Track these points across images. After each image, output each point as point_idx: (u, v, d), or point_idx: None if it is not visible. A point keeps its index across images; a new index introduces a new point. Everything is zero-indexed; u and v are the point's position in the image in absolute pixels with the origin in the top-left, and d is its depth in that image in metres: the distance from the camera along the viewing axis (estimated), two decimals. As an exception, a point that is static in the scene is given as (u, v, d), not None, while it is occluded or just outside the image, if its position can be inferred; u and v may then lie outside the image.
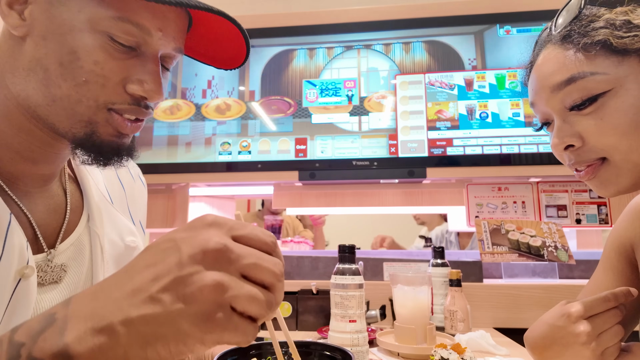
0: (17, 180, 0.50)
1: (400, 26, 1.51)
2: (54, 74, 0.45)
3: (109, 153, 0.50)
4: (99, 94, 0.46)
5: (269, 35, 1.56)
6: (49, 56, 0.45)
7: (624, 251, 0.71)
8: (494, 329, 1.19)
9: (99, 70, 0.46)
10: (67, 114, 0.47)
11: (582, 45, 0.51)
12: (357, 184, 1.51)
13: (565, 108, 0.54)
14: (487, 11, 1.47)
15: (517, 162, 1.37)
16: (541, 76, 0.56)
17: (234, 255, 0.32)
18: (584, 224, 1.38)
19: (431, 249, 1.20)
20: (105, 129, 0.48)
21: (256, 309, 0.31)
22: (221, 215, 0.35)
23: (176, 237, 0.33)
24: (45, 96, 0.46)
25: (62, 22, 0.45)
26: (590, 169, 0.54)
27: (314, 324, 1.17)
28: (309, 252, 1.80)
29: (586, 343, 0.54)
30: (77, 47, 0.45)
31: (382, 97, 1.47)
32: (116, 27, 0.45)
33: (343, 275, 0.86)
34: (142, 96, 0.49)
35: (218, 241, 0.32)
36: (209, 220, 0.34)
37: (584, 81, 0.51)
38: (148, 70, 0.49)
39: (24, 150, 0.49)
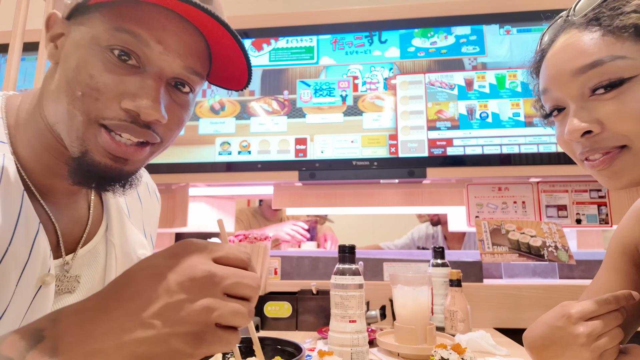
0: (48, 192, 0.53)
1: (400, 26, 1.51)
2: (62, 92, 0.47)
3: (100, 177, 0.48)
4: (91, 107, 0.46)
5: (269, 35, 1.56)
6: (61, 76, 0.47)
7: (629, 252, 0.71)
8: (494, 329, 1.19)
9: (93, 84, 0.45)
10: (67, 130, 0.47)
11: (611, 29, 0.50)
12: (357, 184, 1.51)
13: (584, 94, 0.52)
14: (487, 11, 1.47)
15: (517, 162, 1.37)
16: (561, 59, 0.54)
17: (217, 278, 0.36)
18: (584, 224, 1.38)
19: (431, 249, 1.20)
20: (96, 147, 0.47)
21: (240, 321, 0.36)
22: (196, 239, 0.39)
23: (160, 264, 0.36)
24: (55, 114, 0.48)
25: (74, 44, 0.47)
26: (608, 157, 0.52)
27: (314, 324, 1.17)
28: (309, 252, 1.80)
29: (585, 344, 0.54)
30: (79, 62, 0.46)
31: (377, 98, 1.48)
32: (114, 38, 0.46)
33: (343, 275, 0.86)
34: (136, 112, 0.46)
35: (203, 268, 0.35)
36: (189, 246, 0.37)
37: (610, 65, 0.50)
38: (144, 86, 0.46)
39: (53, 166, 0.52)
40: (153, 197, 0.74)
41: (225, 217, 1.93)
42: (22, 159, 0.51)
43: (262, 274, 1.27)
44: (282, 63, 1.52)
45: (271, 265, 1.38)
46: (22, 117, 0.52)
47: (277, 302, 1.19)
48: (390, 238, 2.50)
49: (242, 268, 0.38)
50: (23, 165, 0.51)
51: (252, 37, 1.57)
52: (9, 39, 1.11)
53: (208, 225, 1.82)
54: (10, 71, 1.08)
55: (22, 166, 0.51)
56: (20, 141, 0.51)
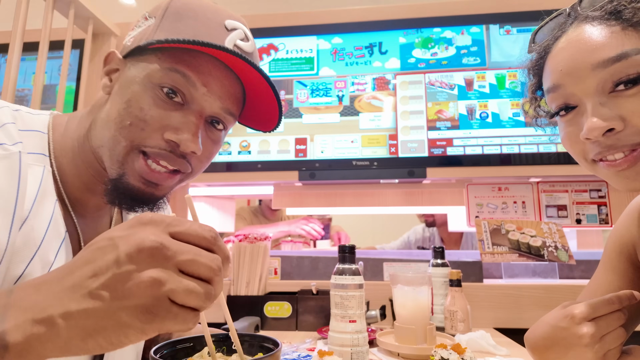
0: (79, 205, 0.59)
1: (400, 26, 1.51)
2: (112, 121, 0.53)
3: (132, 198, 0.54)
4: (136, 136, 0.52)
5: (269, 35, 1.56)
6: (114, 107, 0.54)
7: (626, 251, 0.71)
8: (494, 329, 1.19)
9: (142, 116, 0.52)
10: (110, 154, 0.54)
11: (634, 22, 0.48)
12: (357, 184, 1.51)
13: (604, 89, 0.50)
14: (487, 11, 1.47)
15: (517, 162, 1.37)
16: (578, 54, 0.51)
17: (170, 252, 0.34)
18: (584, 224, 1.38)
19: (431, 249, 1.20)
20: (132, 172, 0.53)
21: (194, 300, 0.34)
22: (164, 214, 0.38)
23: (114, 236, 0.35)
24: (101, 139, 0.54)
25: (129, 80, 0.54)
26: (632, 156, 0.49)
27: (314, 324, 1.17)
28: (309, 252, 1.80)
29: (589, 345, 0.53)
30: (132, 96, 0.53)
31: (373, 98, 1.48)
32: (166, 77, 0.53)
33: (343, 275, 0.86)
34: (175, 143, 0.53)
35: (154, 239, 0.33)
36: (146, 219, 0.35)
37: (637, 58, 0.47)
38: (187, 121, 0.54)
39: (89, 182, 0.58)
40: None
41: (225, 217, 1.93)
42: (63, 172, 0.57)
43: (262, 274, 1.27)
44: (282, 74, 1.52)
45: (271, 265, 1.38)
46: (69, 136, 0.58)
47: (277, 302, 1.19)
48: (391, 238, 2.50)
49: (205, 248, 0.36)
50: (62, 177, 0.57)
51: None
52: (9, 39, 1.11)
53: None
54: (10, 71, 1.08)
55: (61, 178, 0.57)
56: (65, 157, 0.57)
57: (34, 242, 0.50)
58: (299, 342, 1.00)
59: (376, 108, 1.47)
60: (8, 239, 0.46)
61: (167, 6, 0.56)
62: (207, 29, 0.54)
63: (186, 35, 0.53)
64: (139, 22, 0.58)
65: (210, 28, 0.54)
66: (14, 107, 0.56)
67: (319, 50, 1.53)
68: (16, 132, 0.53)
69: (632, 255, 0.70)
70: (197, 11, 0.55)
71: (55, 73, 1.62)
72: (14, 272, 0.47)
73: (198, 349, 0.52)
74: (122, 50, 0.58)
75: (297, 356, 0.88)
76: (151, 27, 0.55)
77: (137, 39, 0.55)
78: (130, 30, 0.59)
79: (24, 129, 0.54)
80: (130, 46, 0.56)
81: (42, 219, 0.51)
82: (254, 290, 1.25)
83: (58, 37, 1.31)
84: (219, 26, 0.55)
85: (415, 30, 1.50)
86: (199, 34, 0.53)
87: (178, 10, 0.55)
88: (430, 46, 1.48)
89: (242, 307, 1.19)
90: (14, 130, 0.52)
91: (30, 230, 0.49)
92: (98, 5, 1.38)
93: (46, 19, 1.18)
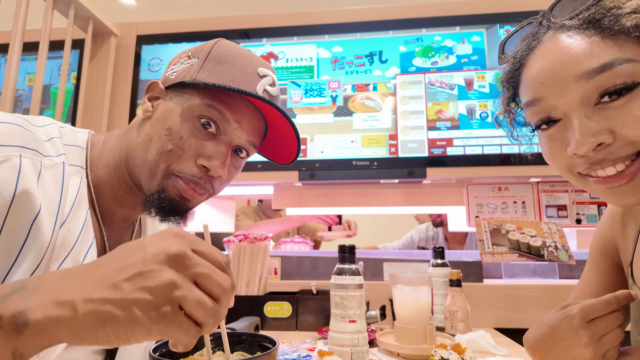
0: (107, 215, 0.66)
1: (400, 26, 1.50)
2: (153, 144, 0.61)
3: (170, 210, 0.62)
4: (173, 160, 0.61)
5: (269, 35, 1.56)
6: (154, 132, 0.62)
7: (609, 252, 0.71)
8: (494, 329, 1.19)
9: (181, 144, 0.61)
10: (150, 174, 0.61)
11: (614, 32, 0.46)
12: (357, 184, 1.51)
13: (589, 101, 0.48)
14: (487, 11, 1.47)
15: (517, 162, 1.37)
16: (558, 65, 0.49)
17: (190, 262, 0.38)
18: (584, 224, 1.38)
19: (431, 249, 1.20)
20: (172, 190, 0.62)
21: (201, 313, 0.37)
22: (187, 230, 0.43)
23: (144, 241, 0.39)
24: (142, 159, 0.62)
25: (170, 110, 0.63)
26: (629, 171, 0.48)
27: (314, 324, 1.17)
28: (309, 252, 1.80)
29: (588, 345, 0.53)
30: (173, 125, 0.61)
31: (367, 98, 1.48)
32: (205, 111, 0.61)
33: (343, 275, 0.86)
34: (206, 168, 0.61)
35: (179, 248, 0.38)
36: (174, 232, 0.40)
37: (622, 67, 0.46)
38: (218, 150, 0.62)
39: (120, 195, 0.65)
40: None
41: (225, 217, 1.93)
42: (98, 184, 0.64)
43: (262, 274, 1.27)
44: (282, 82, 1.52)
45: (271, 265, 1.38)
46: (106, 153, 0.66)
47: (277, 302, 1.19)
48: (391, 238, 2.50)
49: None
50: (96, 189, 0.64)
51: (252, 37, 1.57)
52: (9, 39, 1.11)
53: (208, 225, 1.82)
54: (10, 71, 1.08)
55: (95, 190, 0.64)
56: (101, 170, 0.65)
57: (69, 243, 0.56)
58: (299, 342, 1.00)
59: (370, 108, 1.47)
60: (52, 236, 0.53)
61: (210, 50, 0.64)
62: (243, 75, 0.63)
63: (225, 78, 0.62)
64: (181, 59, 0.66)
65: (246, 74, 0.63)
66: (60, 125, 0.63)
67: (319, 59, 1.53)
68: (61, 145, 0.60)
69: (615, 255, 0.70)
70: (236, 58, 0.64)
71: (49, 73, 1.61)
72: (50, 268, 0.54)
73: (199, 347, 0.52)
74: (165, 81, 0.66)
75: (297, 356, 0.88)
76: (195, 66, 0.63)
77: (181, 75, 0.64)
78: (173, 65, 0.67)
79: (67, 144, 0.62)
80: (174, 80, 0.64)
81: (76, 224, 0.58)
82: (254, 290, 1.25)
83: (58, 37, 1.31)
84: (253, 73, 0.64)
85: (416, 39, 1.49)
86: (236, 79, 0.62)
87: (220, 55, 0.64)
88: (431, 55, 1.48)
89: (242, 307, 1.19)
90: (60, 144, 0.59)
91: (67, 232, 0.56)
92: (98, 5, 1.38)
93: (46, 19, 1.18)
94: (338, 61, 1.52)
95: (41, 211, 0.52)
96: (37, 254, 0.51)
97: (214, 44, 0.65)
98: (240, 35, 1.57)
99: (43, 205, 0.52)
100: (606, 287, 0.71)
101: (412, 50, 1.49)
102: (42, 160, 0.54)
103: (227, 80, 0.61)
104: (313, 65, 1.52)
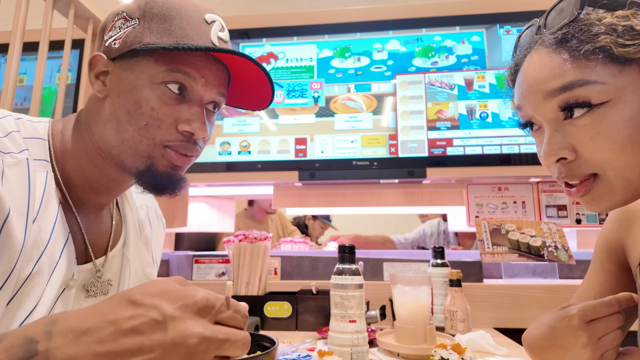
0: (82, 205, 0.63)
1: (401, 26, 1.50)
2: (123, 122, 0.58)
3: (165, 182, 0.61)
4: (156, 134, 0.58)
5: (269, 35, 1.56)
6: (120, 109, 0.58)
7: (614, 252, 0.71)
8: (494, 329, 1.19)
9: (155, 115, 0.57)
10: (132, 152, 0.58)
11: (582, 52, 0.47)
12: (357, 184, 1.51)
13: (558, 117, 0.51)
14: (487, 11, 1.47)
15: (517, 162, 1.37)
16: (532, 81, 0.52)
17: (212, 346, 0.38)
18: (584, 224, 1.38)
19: (431, 249, 1.20)
20: (161, 162, 0.59)
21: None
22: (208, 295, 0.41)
23: (166, 313, 0.37)
24: (116, 139, 0.58)
25: (129, 82, 0.58)
26: (583, 185, 0.51)
27: (314, 324, 1.17)
28: (309, 252, 1.80)
29: (586, 346, 0.53)
30: (139, 98, 0.57)
31: (348, 99, 1.48)
32: (169, 76, 0.58)
33: (343, 275, 0.86)
34: (190, 132, 0.59)
35: (199, 333, 0.37)
36: (199, 305, 0.38)
37: (581, 89, 0.48)
38: (194, 112, 0.60)
39: (94, 182, 0.62)
40: (160, 223, 0.83)
41: (225, 217, 1.93)
42: (67, 175, 0.61)
43: (262, 274, 1.27)
44: (281, 82, 1.52)
45: (271, 265, 1.38)
46: (68, 141, 0.62)
47: (277, 302, 1.19)
48: (390, 238, 2.50)
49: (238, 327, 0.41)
50: (66, 180, 0.61)
51: (252, 37, 1.57)
52: (9, 39, 1.11)
53: (208, 225, 1.82)
54: (10, 71, 1.08)
55: (65, 181, 0.61)
56: (68, 161, 0.61)
57: (41, 242, 0.54)
58: (299, 342, 1.00)
59: (351, 109, 1.47)
60: (24, 237, 0.51)
61: (146, 7, 0.59)
62: (193, 27, 0.59)
63: (177, 35, 0.58)
64: (117, 23, 0.61)
65: (196, 25, 0.59)
66: (16, 116, 0.59)
67: (318, 59, 1.53)
68: (21, 139, 0.56)
69: (621, 256, 0.70)
70: (179, 9, 0.59)
71: (32, 74, 1.61)
72: (24, 271, 0.51)
73: None
74: (108, 52, 0.60)
75: (297, 356, 0.88)
76: (137, 28, 0.58)
77: (126, 42, 0.59)
78: (109, 32, 0.61)
79: (27, 137, 0.58)
80: (121, 49, 0.59)
81: (47, 221, 0.55)
82: (254, 290, 1.25)
83: (58, 37, 1.31)
84: (201, 22, 0.60)
85: (416, 39, 1.49)
86: (189, 34, 0.58)
87: (161, 10, 0.59)
88: (431, 55, 1.48)
89: (242, 307, 1.19)
90: (20, 138, 0.56)
91: (38, 232, 0.53)
92: (98, 5, 1.38)
93: (46, 19, 1.18)
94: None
95: (10, 213, 0.49)
96: (9, 258, 0.49)
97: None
98: (240, 35, 1.57)
99: (11, 206, 0.50)
100: (611, 289, 0.71)
101: (412, 50, 1.49)
102: (3, 159, 0.51)
103: (180, 36, 0.58)
104: (313, 65, 1.52)
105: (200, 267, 1.39)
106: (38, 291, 0.52)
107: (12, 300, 0.50)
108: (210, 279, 1.38)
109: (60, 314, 0.38)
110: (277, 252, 1.49)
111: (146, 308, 0.37)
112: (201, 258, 1.40)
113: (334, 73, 1.51)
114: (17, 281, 0.50)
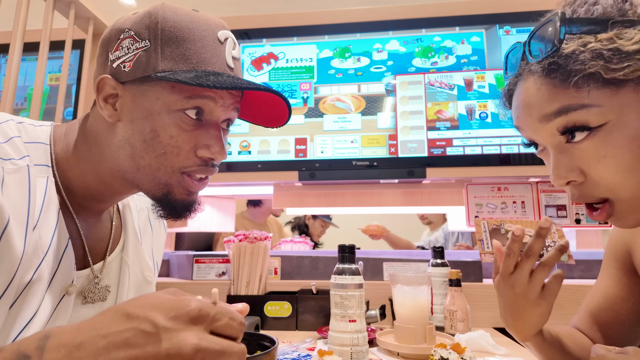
0: (82, 211, 0.62)
1: (400, 27, 1.51)
2: (139, 149, 0.56)
3: (181, 209, 0.60)
4: (175, 161, 0.57)
5: (269, 36, 1.56)
6: (134, 135, 0.57)
7: (621, 257, 0.72)
8: (494, 329, 1.19)
9: (174, 143, 0.56)
10: (149, 179, 0.58)
11: (571, 83, 0.46)
12: (357, 184, 1.51)
13: (561, 141, 0.50)
14: (487, 11, 1.47)
15: (516, 162, 1.37)
16: (526, 108, 0.52)
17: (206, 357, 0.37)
18: (584, 224, 1.38)
19: (431, 249, 1.20)
20: (178, 189, 0.59)
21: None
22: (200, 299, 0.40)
23: (159, 325, 0.36)
24: (131, 165, 0.57)
25: (144, 109, 0.56)
26: (604, 210, 0.50)
27: (314, 324, 1.17)
28: (309, 252, 1.80)
29: (520, 291, 0.64)
30: (156, 126, 0.56)
31: (337, 100, 1.48)
32: (189, 104, 0.56)
33: (343, 275, 0.86)
34: (210, 158, 0.59)
35: (195, 344, 0.36)
36: (192, 314, 0.37)
37: (576, 113, 0.47)
38: (212, 136, 0.59)
39: (97, 193, 0.62)
40: (161, 226, 0.83)
41: (225, 217, 1.93)
42: (69, 181, 0.60)
43: (262, 273, 1.28)
44: (281, 82, 1.52)
45: (271, 265, 1.38)
46: (70, 150, 0.61)
47: (277, 302, 1.20)
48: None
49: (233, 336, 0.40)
50: (67, 186, 0.60)
51: (252, 38, 1.57)
52: (9, 39, 1.11)
53: (208, 225, 1.83)
54: (11, 71, 1.08)
55: (66, 187, 0.60)
56: (70, 169, 0.60)
57: (41, 249, 0.53)
58: (299, 342, 1.01)
59: (340, 110, 1.48)
60: (24, 246, 0.50)
61: (156, 28, 0.55)
62: (208, 50, 0.57)
63: (193, 61, 0.56)
64: (124, 42, 0.57)
65: (210, 47, 0.57)
66: (18, 120, 0.58)
67: (318, 60, 1.53)
68: (22, 145, 0.55)
69: (628, 260, 0.71)
70: (192, 29, 0.56)
71: (23, 75, 1.62)
72: (24, 278, 0.51)
73: None
74: (117, 75, 0.57)
75: (297, 356, 0.89)
76: (149, 52, 0.55)
77: (138, 66, 0.55)
78: (115, 51, 0.57)
79: (28, 142, 0.57)
80: (133, 74, 0.56)
81: (47, 228, 0.55)
82: (254, 290, 1.25)
83: (58, 37, 1.32)
84: (215, 43, 0.58)
85: (416, 39, 1.50)
86: (206, 58, 0.56)
87: (173, 33, 0.55)
88: (431, 55, 1.48)
89: (242, 306, 1.19)
90: (20, 143, 0.55)
91: (38, 239, 0.53)
92: (98, 5, 1.38)
93: (46, 19, 1.18)
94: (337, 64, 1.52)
95: (10, 222, 0.49)
96: (10, 267, 0.49)
97: (158, 19, 0.56)
98: (240, 36, 1.57)
99: (11, 215, 0.49)
100: (615, 294, 0.72)
101: (411, 50, 1.49)
102: (3, 166, 0.50)
103: (197, 62, 0.55)
104: (313, 65, 1.53)
105: (200, 266, 1.39)
106: (38, 298, 0.52)
107: (12, 307, 0.50)
108: (211, 279, 1.38)
109: (54, 329, 0.38)
110: (277, 252, 1.50)
111: (139, 320, 0.36)
112: (201, 258, 1.40)
113: (334, 73, 1.51)
114: (17, 288, 0.50)
